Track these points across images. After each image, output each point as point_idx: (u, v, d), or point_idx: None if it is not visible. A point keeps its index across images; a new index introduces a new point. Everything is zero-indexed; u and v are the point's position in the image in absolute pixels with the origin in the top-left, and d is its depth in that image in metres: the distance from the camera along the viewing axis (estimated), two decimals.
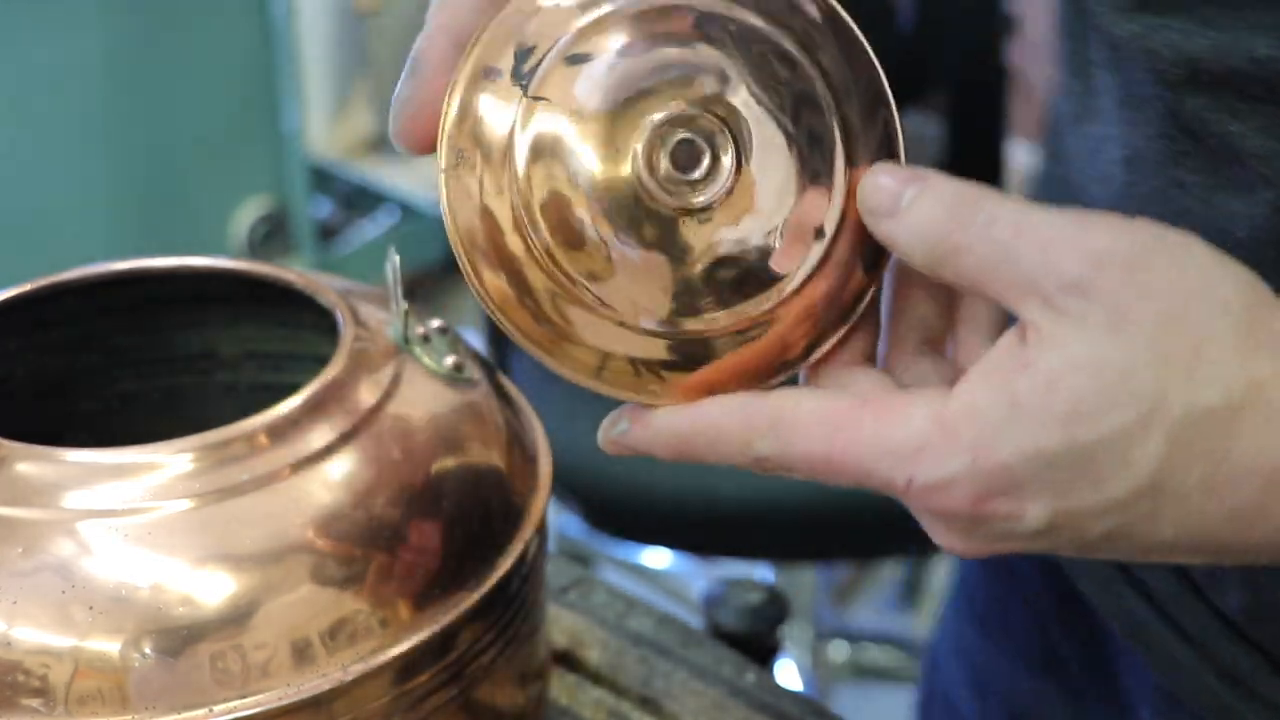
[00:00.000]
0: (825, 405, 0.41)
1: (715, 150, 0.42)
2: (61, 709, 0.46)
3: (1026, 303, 0.39)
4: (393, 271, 0.55)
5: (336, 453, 0.51)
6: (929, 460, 0.39)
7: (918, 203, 0.41)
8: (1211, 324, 0.38)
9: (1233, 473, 0.38)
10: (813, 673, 1.58)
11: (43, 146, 1.81)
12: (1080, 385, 0.38)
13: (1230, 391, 0.38)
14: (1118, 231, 0.39)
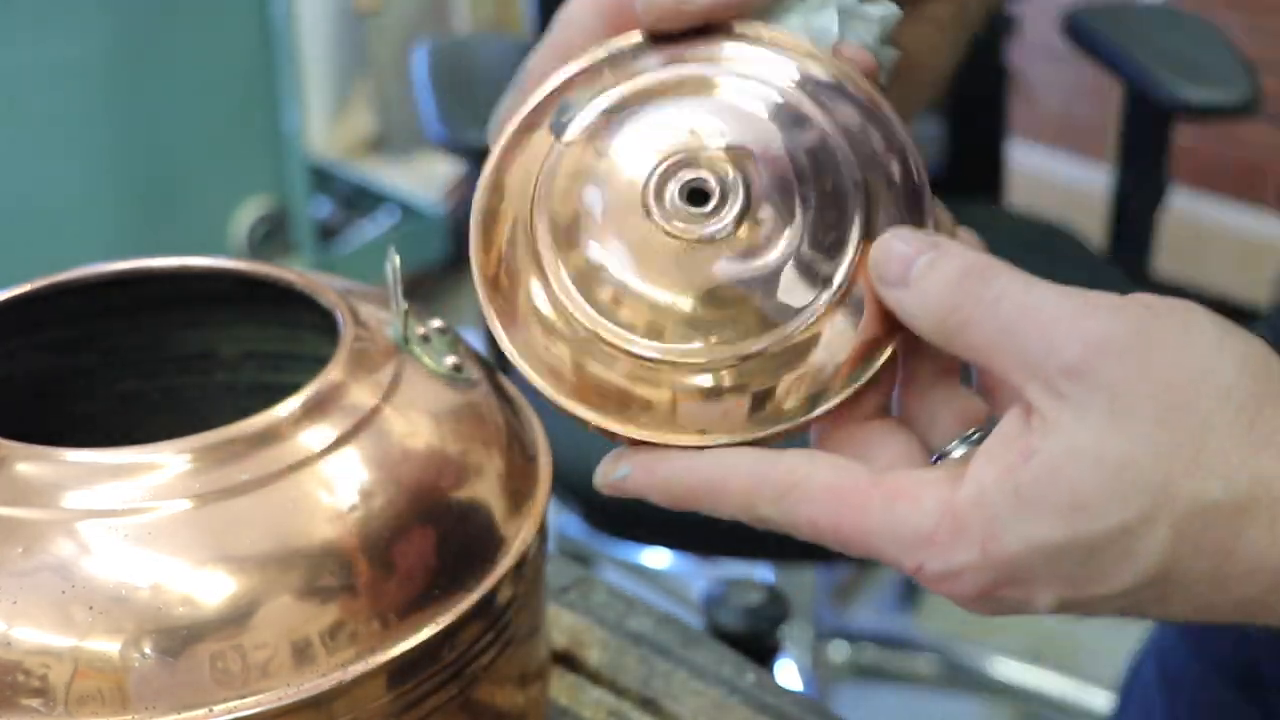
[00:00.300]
0: (837, 480, 0.41)
1: (725, 190, 0.43)
2: (61, 709, 0.46)
3: (1029, 384, 0.39)
4: (393, 271, 0.55)
5: (336, 453, 0.51)
6: (939, 551, 0.40)
7: (929, 273, 0.41)
8: (1214, 413, 0.38)
9: (1238, 570, 0.38)
10: (813, 673, 1.58)
11: (42, 146, 1.81)
12: (1081, 477, 0.38)
13: (1235, 487, 0.38)
14: (1118, 314, 0.39)
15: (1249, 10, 2.11)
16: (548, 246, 0.43)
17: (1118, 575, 0.39)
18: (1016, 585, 0.40)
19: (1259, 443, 0.38)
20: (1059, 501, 0.38)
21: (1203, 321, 0.39)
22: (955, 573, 0.40)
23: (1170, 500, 0.38)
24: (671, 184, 0.43)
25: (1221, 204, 2.22)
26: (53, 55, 1.76)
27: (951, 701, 1.71)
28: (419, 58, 1.46)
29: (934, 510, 0.39)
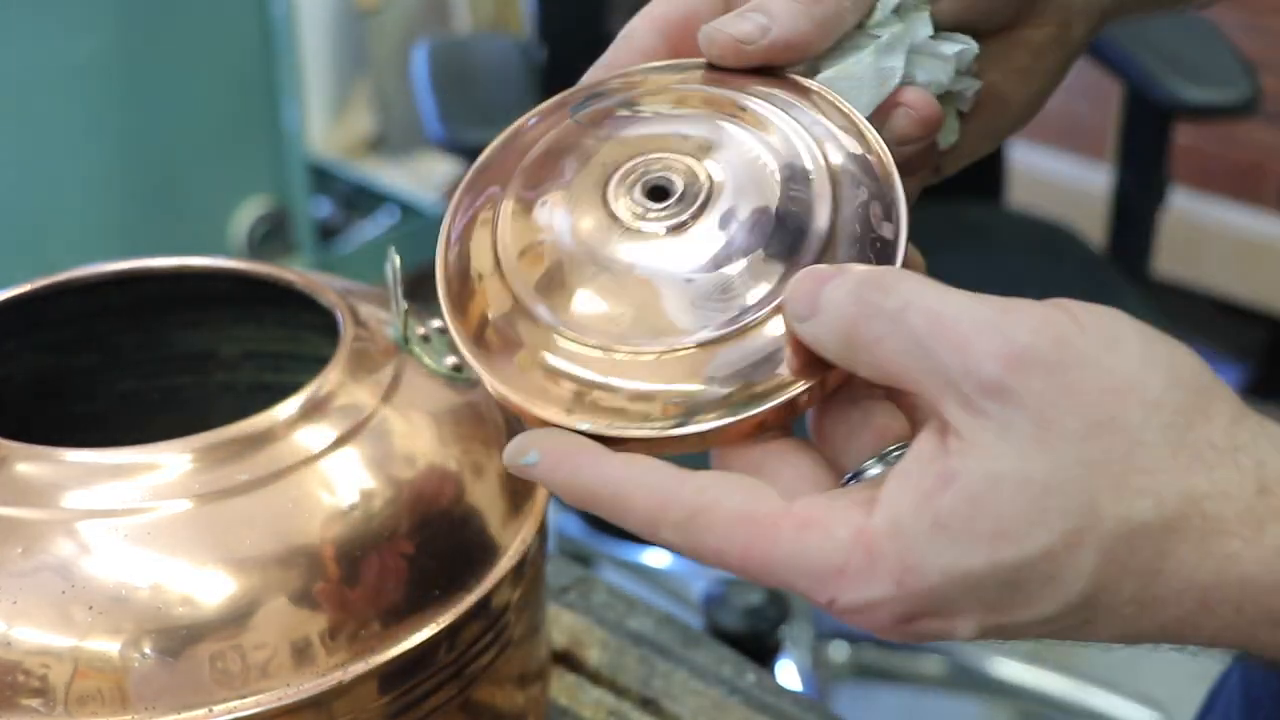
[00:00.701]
0: (747, 507, 0.39)
1: (685, 193, 0.43)
2: (61, 709, 0.46)
3: (945, 400, 0.37)
4: (393, 271, 0.55)
5: (336, 453, 0.51)
6: (850, 584, 0.38)
7: (830, 295, 0.39)
8: (1142, 429, 0.36)
9: (1165, 591, 0.37)
10: (813, 673, 1.58)
11: (42, 146, 1.81)
12: (1005, 504, 0.36)
13: (1164, 506, 0.36)
14: (1040, 328, 0.37)
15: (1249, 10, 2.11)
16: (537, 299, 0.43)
17: (1043, 601, 0.37)
18: (936, 616, 0.38)
19: (1189, 460, 0.36)
20: (981, 529, 0.36)
21: (1127, 332, 0.37)
22: (869, 606, 0.38)
23: (1097, 522, 0.36)
24: (638, 178, 0.44)
25: (1221, 204, 2.22)
26: (53, 55, 1.76)
27: (952, 701, 1.71)
28: (419, 57, 1.46)
29: (846, 540, 0.37)
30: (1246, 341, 2.24)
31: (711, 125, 0.44)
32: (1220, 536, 0.36)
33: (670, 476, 0.40)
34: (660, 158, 0.44)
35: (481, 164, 0.47)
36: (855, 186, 0.43)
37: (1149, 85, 1.40)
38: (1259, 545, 0.36)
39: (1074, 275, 1.46)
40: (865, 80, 0.45)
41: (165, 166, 1.92)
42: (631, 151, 0.44)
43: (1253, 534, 0.36)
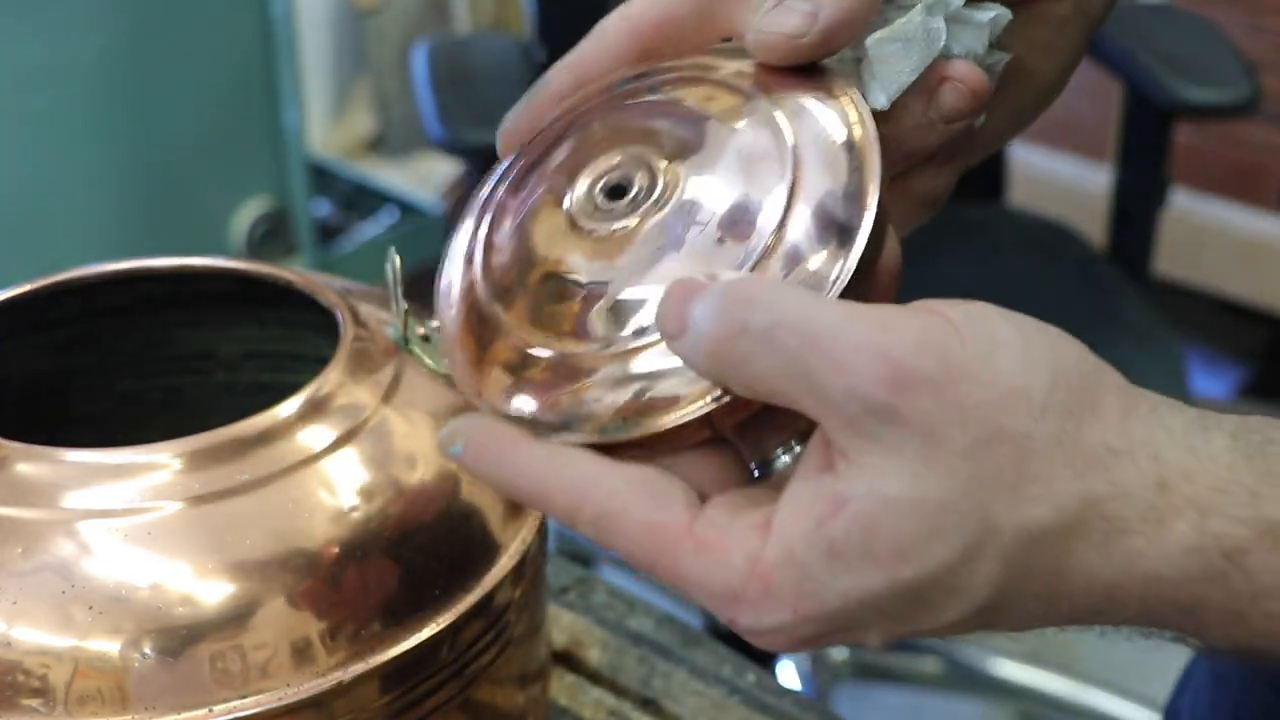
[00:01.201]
0: (652, 520, 0.39)
1: (644, 185, 0.43)
2: (61, 709, 0.46)
3: (829, 421, 0.37)
4: (393, 271, 0.55)
5: (336, 453, 0.51)
6: (749, 610, 0.38)
7: (695, 312, 0.38)
8: (1031, 435, 0.36)
9: (1070, 588, 0.37)
10: (813, 673, 1.58)
11: (42, 146, 1.81)
12: (900, 525, 0.36)
13: (1063, 510, 0.36)
14: (920, 344, 0.36)
15: (1249, 10, 2.11)
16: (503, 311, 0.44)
17: (947, 610, 0.37)
18: (840, 633, 0.38)
19: (1084, 464, 0.36)
20: (878, 553, 0.36)
21: (1005, 334, 0.37)
22: (769, 630, 0.38)
23: (995, 534, 0.36)
24: (589, 194, 0.44)
25: (1221, 204, 2.22)
26: (53, 55, 1.76)
27: (951, 701, 1.71)
28: (419, 58, 1.46)
29: (742, 568, 0.38)
30: (1246, 341, 2.24)
31: (705, 122, 0.44)
32: (1123, 535, 0.36)
33: (585, 475, 0.40)
34: (633, 154, 0.43)
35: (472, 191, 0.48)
36: (820, 176, 0.41)
37: (1149, 85, 1.40)
38: (1162, 542, 0.36)
39: (1074, 275, 1.46)
40: (915, 41, 0.44)
41: (165, 166, 1.92)
42: (609, 145, 0.44)
43: (1155, 531, 0.36)
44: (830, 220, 0.41)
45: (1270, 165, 2.19)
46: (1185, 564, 0.36)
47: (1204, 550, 0.36)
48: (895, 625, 0.38)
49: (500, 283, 0.44)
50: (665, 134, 0.44)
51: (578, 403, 0.41)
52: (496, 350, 0.43)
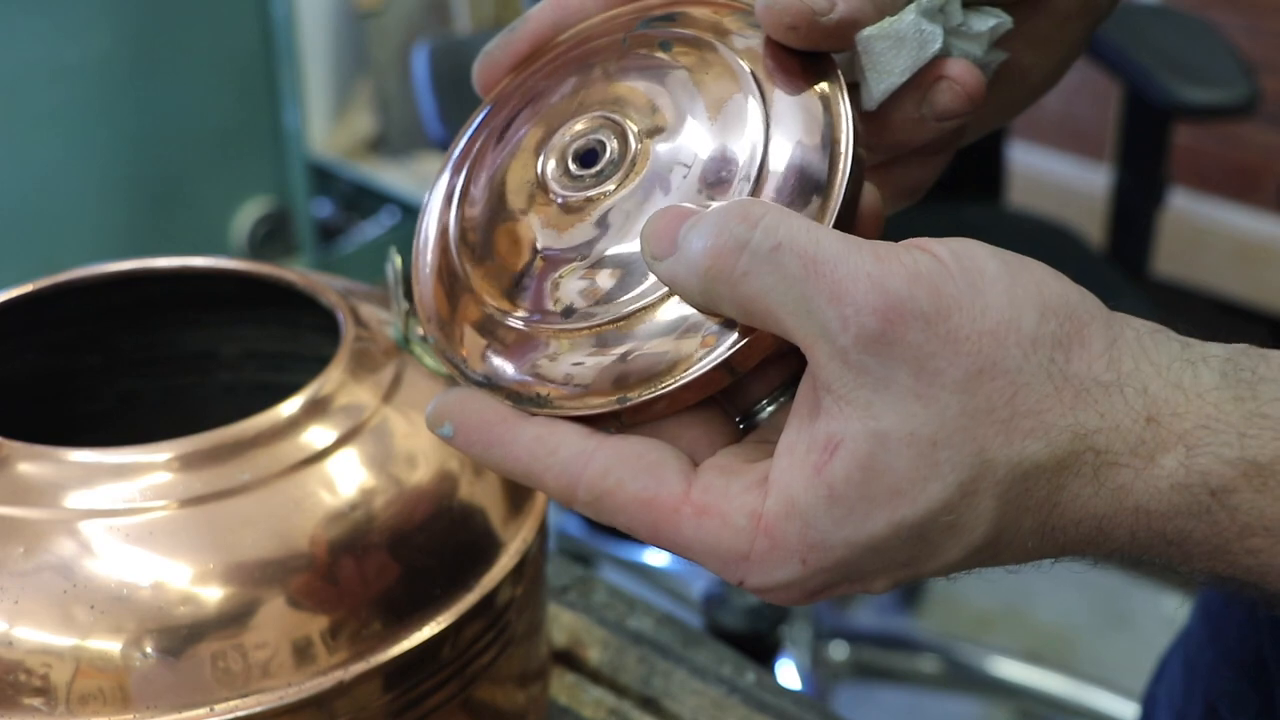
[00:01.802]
0: (647, 493, 0.39)
1: (613, 158, 0.42)
2: (63, 708, 0.46)
3: (817, 351, 0.37)
4: (393, 271, 0.55)
5: (336, 453, 0.51)
6: (757, 568, 0.38)
7: (689, 232, 0.38)
8: (1022, 369, 0.36)
9: (1063, 521, 0.37)
10: (813, 673, 1.58)
11: (44, 147, 1.81)
12: (893, 462, 0.36)
13: (1054, 445, 0.36)
14: (913, 276, 0.36)
15: (1248, 10, 2.11)
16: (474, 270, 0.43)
17: (948, 549, 0.37)
18: (847, 582, 0.38)
19: (1073, 397, 0.36)
20: (876, 493, 0.36)
21: (991, 267, 0.37)
22: (779, 585, 0.38)
23: (990, 469, 0.36)
24: (559, 156, 0.43)
25: (1221, 204, 2.22)
26: (54, 56, 1.76)
27: (951, 701, 1.71)
28: (419, 58, 1.46)
29: (746, 528, 0.38)
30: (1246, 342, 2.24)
31: (649, 70, 0.44)
32: (1112, 469, 0.36)
33: (577, 456, 0.40)
34: (609, 119, 0.43)
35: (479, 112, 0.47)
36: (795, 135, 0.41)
37: (1148, 86, 1.40)
38: (1151, 476, 0.36)
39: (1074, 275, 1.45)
40: (906, 40, 0.43)
41: (167, 167, 1.92)
42: (564, 117, 0.44)
43: (1144, 465, 0.36)
44: (809, 175, 0.41)
45: (1269, 165, 2.19)
46: (1172, 499, 0.36)
47: (1190, 487, 0.36)
48: (900, 570, 0.38)
49: (471, 239, 0.44)
50: (647, 103, 0.43)
51: (559, 370, 0.41)
52: (466, 308, 0.43)
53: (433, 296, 0.44)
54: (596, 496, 0.39)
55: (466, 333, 0.43)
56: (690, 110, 0.42)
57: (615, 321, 0.40)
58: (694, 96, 0.43)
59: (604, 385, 0.40)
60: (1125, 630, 1.81)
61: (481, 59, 0.47)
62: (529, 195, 0.43)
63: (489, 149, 0.46)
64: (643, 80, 0.44)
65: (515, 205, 0.43)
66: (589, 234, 0.42)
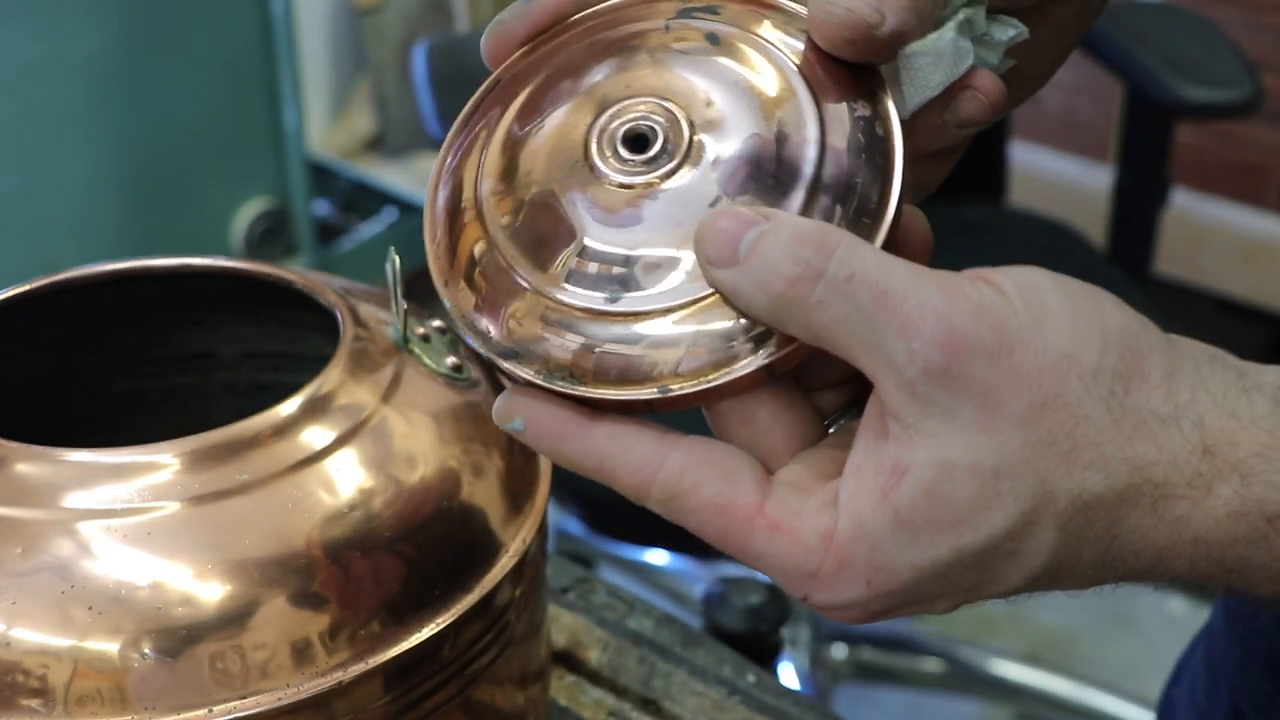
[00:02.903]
0: (722, 499, 0.39)
1: (666, 146, 0.42)
2: (61, 709, 0.46)
3: (885, 381, 0.37)
4: (393, 271, 0.55)
5: (336, 453, 0.51)
6: (824, 586, 0.39)
7: (758, 246, 0.38)
8: (1082, 402, 0.37)
9: (1123, 552, 0.38)
10: (813, 673, 1.58)
11: (42, 146, 1.81)
12: (957, 491, 0.37)
13: (1114, 478, 0.37)
14: (978, 311, 0.37)
15: (1249, 9, 2.11)
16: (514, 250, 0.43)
17: (1009, 575, 0.38)
18: (911, 604, 0.39)
19: (1132, 429, 0.37)
20: (940, 520, 0.37)
21: (1054, 302, 0.38)
22: (844, 605, 0.39)
23: (1050, 500, 0.37)
24: (609, 136, 0.43)
25: (1222, 204, 2.22)
26: (53, 55, 1.76)
27: (951, 702, 1.71)
28: (419, 57, 1.46)
29: (817, 547, 0.39)
30: (1246, 341, 2.25)
31: (702, 64, 0.43)
32: (1170, 500, 0.37)
33: (653, 454, 0.40)
34: (663, 106, 0.43)
35: (477, 97, 0.46)
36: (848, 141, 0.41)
37: (1150, 85, 1.40)
38: (1208, 506, 0.37)
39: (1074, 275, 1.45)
40: (945, 57, 0.44)
41: (165, 167, 1.92)
42: (614, 97, 0.43)
43: (1201, 496, 0.37)
44: (863, 194, 0.41)
45: (1270, 165, 2.19)
46: (1230, 527, 0.37)
47: (1247, 515, 0.37)
48: (961, 595, 0.39)
49: (504, 208, 0.43)
50: (701, 96, 0.43)
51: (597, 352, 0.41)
52: (495, 277, 0.42)
53: (453, 262, 0.43)
54: (671, 495, 0.40)
55: (494, 302, 0.42)
56: (745, 110, 0.42)
57: (658, 312, 0.40)
58: (748, 97, 0.42)
59: (641, 373, 0.40)
60: (1127, 632, 1.81)
61: (495, 28, 0.46)
62: (574, 172, 0.43)
63: (520, 120, 0.45)
64: (694, 73, 0.43)
65: (558, 180, 0.43)
66: (637, 220, 0.41)
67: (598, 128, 0.43)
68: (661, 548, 1.62)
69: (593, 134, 0.43)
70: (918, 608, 0.40)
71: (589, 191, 0.42)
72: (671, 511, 0.40)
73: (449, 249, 0.44)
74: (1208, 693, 0.66)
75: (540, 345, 0.41)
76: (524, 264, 0.42)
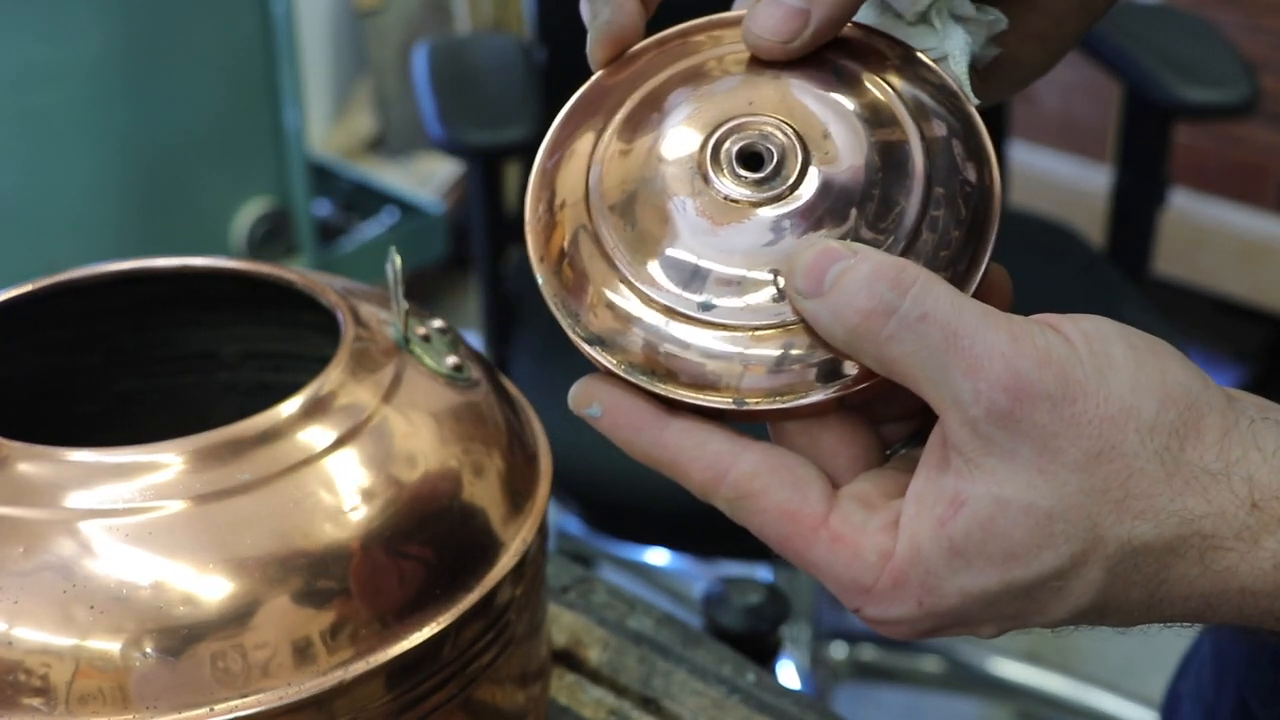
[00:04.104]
0: (790, 506, 0.41)
1: (780, 169, 0.43)
2: (63, 708, 0.46)
3: (950, 417, 0.39)
4: (393, 271, 0.55)
5: (336, 453, 0.51)
6: (877, 601, 0.41)
7: (841, 279, 0.40)
8: (1138, 454, 0.38)
9: (1170, 596, 0.40)
10: (813, 673, 1.58)
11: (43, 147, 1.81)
12: (1012, 527, 0.39)
13: (1163, 528, 0.38)
14: (1043, 360, 0.38)
15: (1248, 10, 2.11)
16: (616, 239, 0.43)
17: (1055, 610, 0.40)
18: (958, 626, 0.41)
19: (1183, 484, 0.38)
20: (992, 552, 0.39)
21: (1119, 355, 0.39)
22: (894, 621, 0.41)
23: (1100, 544, 0.39)
24: (726, 149, 0.43)
25: (1221, 204, 2.22)
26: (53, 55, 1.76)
27: (951, 701, 1.71)
28: (419, 58, 1.46)
29: (875, 564, 0.40)
30: (1246, 341, 2.25)
31: (823, 96, 0.44)
32: (1218, 552, 0.39)
33: (726, 453, 0.42)
34: (782, 131, 0.43)
35: (585, 92, 0.46)
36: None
37: (1149, 85, 1.40)
38: (1255, 559, 0.39)
39: (1074, 275, 1.46)
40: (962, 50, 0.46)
41: (166, 167, 1.92)
42: (734, 111, 0.44)
43: (1249, 548, 0.38)
44: (959, 249, 0.42)
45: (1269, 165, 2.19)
46: (1276, 578, 0.39)
47: None
48: (1007, 622, 0.41)
49: (613, 195, 0.44)
50: (818, 126, 0.43)
51: (683, 355, 0.42)
52: (593, 262, 0.43)
53: (550, 242, 0.44)
54: (740, 495, 0.41)
55: (584, 285, 0.43)
56: (858, 147, 0.43)
57: (748, 329, 0.42)
58: (863, 134, 0.43)
59: (722, 382, 0.41)
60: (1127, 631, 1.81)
61: (605, 27, 0.46)
62: (686, 175, 0.43)
63: (636, 118, 0.45)
64: (816, 102, 0.44)
65: (670, 179, 0.43)
66: (739, 235, 0.42)
67: (715, 139, 0.44)
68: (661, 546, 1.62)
69: (709, 144, 0.44)
70: (964, 629, 0.41)
71: (698, 199, 0.43)
72: (738, 511, 0.42)
73: (549, 227, 0.44)
74: (1214, 686, 0.66)
75: (625, 338, 0.42)
76: (623, 256, 0.43)
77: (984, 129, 0.44)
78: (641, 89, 0.46)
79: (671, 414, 0.42)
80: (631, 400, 0.42)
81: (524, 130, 1.31)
